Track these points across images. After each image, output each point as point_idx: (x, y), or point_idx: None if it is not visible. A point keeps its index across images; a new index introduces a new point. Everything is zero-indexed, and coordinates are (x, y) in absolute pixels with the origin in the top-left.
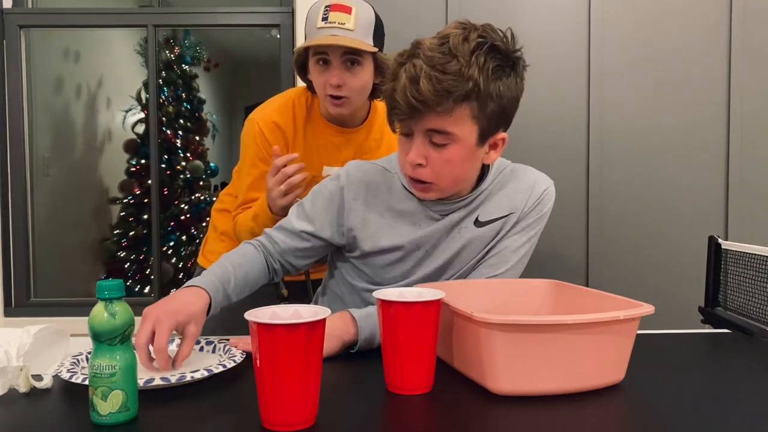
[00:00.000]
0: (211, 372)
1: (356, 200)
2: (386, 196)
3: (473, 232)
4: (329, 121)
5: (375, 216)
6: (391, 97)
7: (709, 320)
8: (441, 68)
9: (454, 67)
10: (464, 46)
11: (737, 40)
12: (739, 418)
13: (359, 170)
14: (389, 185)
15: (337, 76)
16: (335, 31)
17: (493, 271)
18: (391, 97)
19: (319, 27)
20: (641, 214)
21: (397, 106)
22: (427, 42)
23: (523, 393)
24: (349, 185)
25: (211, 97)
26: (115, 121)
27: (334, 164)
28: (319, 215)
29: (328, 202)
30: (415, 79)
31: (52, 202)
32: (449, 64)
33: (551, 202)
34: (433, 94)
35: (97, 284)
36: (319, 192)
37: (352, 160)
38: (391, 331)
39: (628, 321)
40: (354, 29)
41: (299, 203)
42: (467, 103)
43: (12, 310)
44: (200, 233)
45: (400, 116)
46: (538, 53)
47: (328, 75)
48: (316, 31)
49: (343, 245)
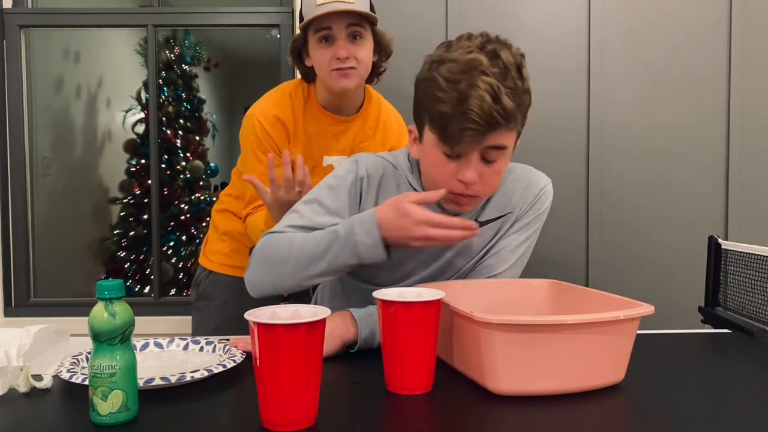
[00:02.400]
0: (211, 372)
1: (369, 194)
2: (393, 190)
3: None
4: (327, 110)
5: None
6: (461, 117)
7: (709, 320)
8: (513, 85)
9: (520, 83)
10: (514, 60)
11: (737, 40)
12: (739, 418)
13: (373, 164)
14: (398, 184)
15: (344, 47)
16: (337, 4)
17: (493, 270)
18: (462, 117)
19: (319, 3)
20: (641, 214)
21: (469, 126)
22: (483, 60)
23: (523, 393)
24: (367, 178)
25: (211, 97)
26: (115, 121)
27: (333, 153)
28: (344, 208)
29: (351, 193)
30: (497, 97)
31: (52, 202)
32: (518, 80)
33: (549, 200)
34: (513, 110)
35: (97, 284)
36: (339, 185)
37: (362, 153)
38: (391, 331)
39: (628, 321)
40: (354, 2)
41: (313, 200)
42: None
43: (12, 310)
44: (200, 233)
45: (469, 135)
46: (538, 53)
47: (334, 49)
48: (316, 8)
49: None
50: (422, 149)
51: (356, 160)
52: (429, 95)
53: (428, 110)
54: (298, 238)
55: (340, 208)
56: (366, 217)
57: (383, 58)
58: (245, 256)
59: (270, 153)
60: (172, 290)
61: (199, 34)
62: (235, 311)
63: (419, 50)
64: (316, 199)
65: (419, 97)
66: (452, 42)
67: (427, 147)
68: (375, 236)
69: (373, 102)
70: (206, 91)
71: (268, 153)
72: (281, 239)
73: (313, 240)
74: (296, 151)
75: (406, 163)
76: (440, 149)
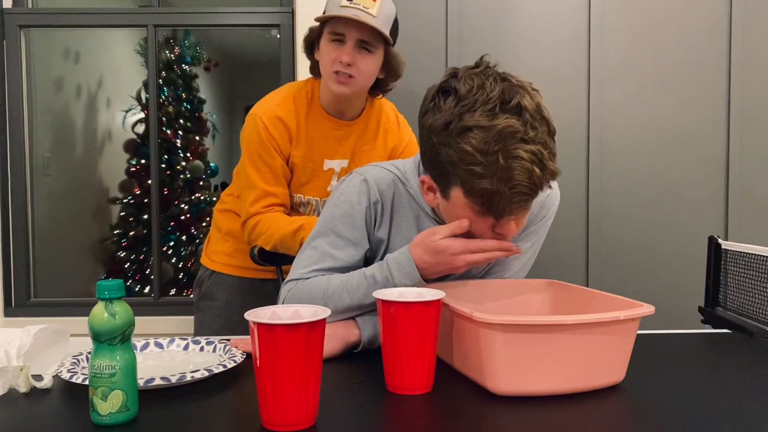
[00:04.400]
0: (211, 372)
1: (384, 217)
2: (406, 211)
3: None
4: (329, 114)
5: (396, 232)
6: (509, 193)
7: (709, 320)
8: (545, 139)
9: (548, 129)
10: (535, 103)
11: (737, 41)
12: (739, 418)
13: (384, 183)
14: (408, 201)
15: (350, 54)
16: (359, 12)
17: (497, 277)
18: (510, 193)
19: (343, 5)
20: (641, 214)
21: (518, 200)
22: (516, 125)
23: (523, 393)
24: (381, 203)
25: (211, 97)
26: (115, 121)
27: (335, 157)
28: (362, 237)
29: (367, 220)
30: (542, 165)
31: (52, 202)
32: (547, 129)
33: (555, 205)
34: (558, 171)
35: (97, 284)
36: (354, 212)
37: (368, 167)
38: (391, 331)
39: (629, 321)
40: (377, 16)
41: (329, 231)
42: None
43: (12, 310)
44: (200, 233)
45: (517, 207)
46: (537, 55)
47: (341, 52)
48: (338, 9)
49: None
50: (449, 205)
51: (365, 179)
52: (461, 167)
53: (462, 181)
54: (331, 287)
55: (359, 237)
56: (402, 260)
57: (391, 78)
58: (248, 256)
59: (273, 153)
60: (172, 290)
61: (199, 34)
62: (238, 311)
63: (419, 49)
64: (332, 230)
65: (442, 161)
66: (456, 90)
67: (457, 205)
68: (415, 278)
69: (375, 106)
70: (206, 91)
71: (270, 154)
72: (311, 289)
73: (349, 288)
74: (298, 154)
75: (415, 179)
76: (473, 209)
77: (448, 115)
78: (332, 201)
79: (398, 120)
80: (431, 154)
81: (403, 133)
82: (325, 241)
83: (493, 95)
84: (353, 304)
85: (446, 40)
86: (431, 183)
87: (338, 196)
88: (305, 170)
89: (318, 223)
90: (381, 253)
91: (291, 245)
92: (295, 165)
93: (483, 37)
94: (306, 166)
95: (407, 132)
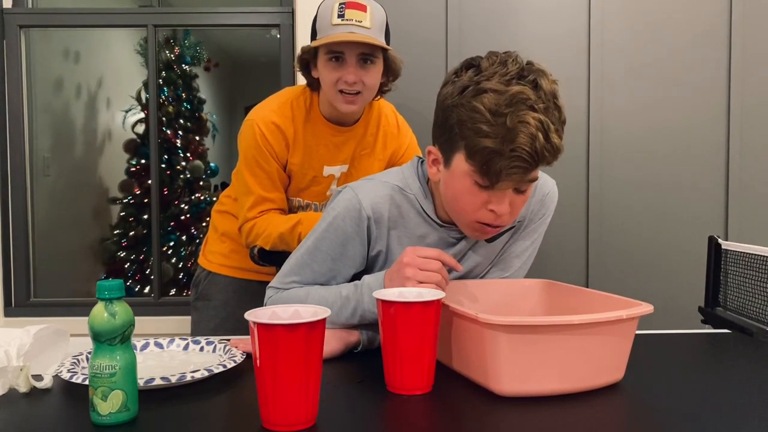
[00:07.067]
0: (211, 372)
1: (380, 231)
2: (406, 222)
3: (487, 248)
4: (328, 120)
5: (395, 243)
6: (509, 154)
7: (709, 320)
8: (556, 119)
9: (561, 115)
10: (552, 90)
11: (737, 42)
12: (739, 418)
13: (380, 199)
14: (408, 210)
15: (353, 73)
16: (353, 28)
17: (498, 277)
18: (511, 155)
19: (335, 24)
20: (641, 214)
21: (517, 164)
22: (530, 93)
23: (526, 394)
24: (374, 218)
25: (211, 97)
26: (115, 121)
27: (334, 163)
28: (356, 256)
29: (359, 241)
30: (546, 134)
31: (52, 202)
32: (559, 113)
33: (554, 203)
34: (561, 147)
35: (97, 284)
36: (344, 236)
37: (360, 182)
38: (391, 331)
39: (628, 321)
40: (370, 27)
41: (315, 249)
42: None
43: (12, 310)
44: (200, 233)
45: (515, 173)
46: (537, 57)
47: (343, 72)
48: (331, 28)
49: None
50: (449, 175)
51: (357, 194)
52: (469, 126)
53: (467, 141)
54: (309, 301)
55: (345, 254)
56: (375, 285)
57: (391, 79)
58: (244, 257)
59: (269, 159)
60: (172, 290)
61: (199, 34)
62: (234, 311)
63: (418, 48)
64: (318, 248)
65: (451, 123)
66: (478, 64)
67: (457, 174)
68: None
69: (374, 110)
70: (206, 91)
71: (267, 160)
72: (291, 300)
73: (325, 304)
74: (295, 161)
75: (417, 187)
76: (473, 179)
77: (466, 81)
78: (324, 218)
79: (398, 122)
80: (443, 118)
81: (403, 136)
82: (311, 257)
83: (513, 69)
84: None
85: (446, 38)
86: (437, 154)
87: (329, 211)
88: (305, 177)
89: (308, 237)
90: (380, 264)
91: (290, 241)
92: (292, 171)
93: (483, 36)
94: (306, 174)
95: (407, 134)
